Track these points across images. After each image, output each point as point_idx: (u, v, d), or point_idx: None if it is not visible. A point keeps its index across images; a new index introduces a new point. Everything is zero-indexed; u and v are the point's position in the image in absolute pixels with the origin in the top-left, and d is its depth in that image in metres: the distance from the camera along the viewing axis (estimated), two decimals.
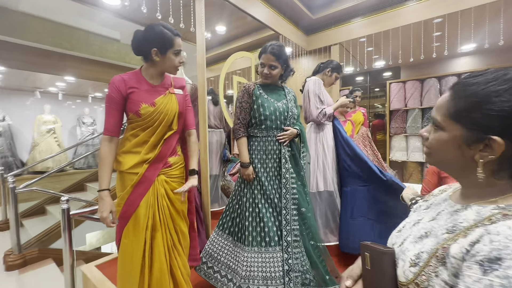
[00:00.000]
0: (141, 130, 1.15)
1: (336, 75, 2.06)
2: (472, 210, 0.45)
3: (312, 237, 1.46)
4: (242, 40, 3.55)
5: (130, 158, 1.14)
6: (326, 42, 3.31)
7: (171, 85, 1.23)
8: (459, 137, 0.45)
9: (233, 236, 1.53)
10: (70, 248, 1.74)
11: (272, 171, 1.50)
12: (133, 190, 1.12)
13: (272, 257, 1.38)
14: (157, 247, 1.15)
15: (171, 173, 1.24)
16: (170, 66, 1.16)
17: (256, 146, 1.52)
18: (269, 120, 1.48)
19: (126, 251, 1.13)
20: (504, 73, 0.42)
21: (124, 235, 1.14)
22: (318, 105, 1.94)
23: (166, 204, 1.20)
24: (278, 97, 1.55)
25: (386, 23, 2.83)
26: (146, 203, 1.14)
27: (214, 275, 1.48)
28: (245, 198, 1.51)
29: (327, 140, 1.96)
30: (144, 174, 1.13)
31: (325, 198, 1.93)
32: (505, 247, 0.35)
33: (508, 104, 0.40)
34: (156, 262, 1.15)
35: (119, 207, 1.13)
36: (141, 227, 1.12)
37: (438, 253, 0.43)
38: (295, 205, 1.47)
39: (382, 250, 0.53)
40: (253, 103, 1.49)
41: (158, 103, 1.14)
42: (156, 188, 1.17)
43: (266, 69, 1.48)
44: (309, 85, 1.99)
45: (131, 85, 1.12)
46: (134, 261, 1.12)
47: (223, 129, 2.91)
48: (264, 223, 1.41)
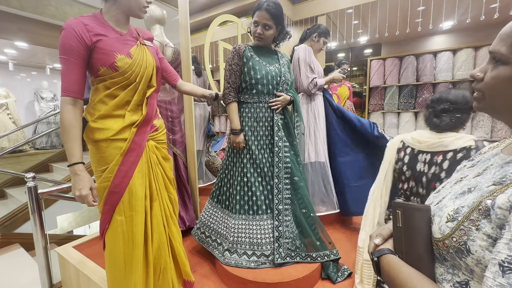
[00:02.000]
0: (120, 89, 0.97)
1: (324, 39, 1.98)
2: None
3: (305, 206, 1.47)
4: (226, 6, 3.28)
5: (113, 123, 0.97)
6: (313, 12, 3.18)
7: (138, 36, 1.05)
8: None
9: (221, 204, 1.57)
10: (42, 229, 1.56)
11: (263, 140, 1.46)
12: (123, 159, 0.97)
13: (259, 225, 1.41)
14: (155, 218, 1.06)
15: (159, 137, 1.13)
16: (134, 3, 0.95)
17: (247, 113, 1.45)
18: (260, 84, 1.40)
19: (123, 230, 0.98)
20: None
21: (117, 211, 0.98)
22: (309, 74, 1.86)
23: (160, 172, 1.11)
24: (270, 60, 1.46)
25: None
26: (140, 172, 1.01)
27: (206, 239, 1.55)
28: (235, 167, 1.50)
29: (319, 111, 1.93)
30: (133, 139, 0.99)
31: (316, 169, 1.93)
32: None
33: None
34: (155, 234, 1.06)
35: (107, 182, 0.97)
36: (139, 199, 0.99)
37: (481, 205, 0.40)
38: (288, 173, 1.46)
39: (416, 206, 0.50)
40: (243, 65, 1.40)
41: (134, 54, 0.97)
42: (148, 155, 1.05)
43: (259, 29, 1.36)
44: (299, 53, 1.90)
45: (96, 31, 0.91)
46: (136, 238, 0.99)
47: (207, 102, 2.74)
48: (252, 192, 1.42)
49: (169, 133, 1.84)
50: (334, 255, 1.41)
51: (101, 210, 1.01)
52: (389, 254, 0.50)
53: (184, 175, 1.90)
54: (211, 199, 1.62)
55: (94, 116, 0.97)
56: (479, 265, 0.39)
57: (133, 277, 1.00)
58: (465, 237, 0.41)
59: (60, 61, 0.90)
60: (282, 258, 1.36)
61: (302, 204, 1.47)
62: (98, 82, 0.97)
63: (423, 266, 0.47)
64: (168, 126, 1.85)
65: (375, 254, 0.52)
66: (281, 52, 1.55)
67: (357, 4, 2.87)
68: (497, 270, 0.33)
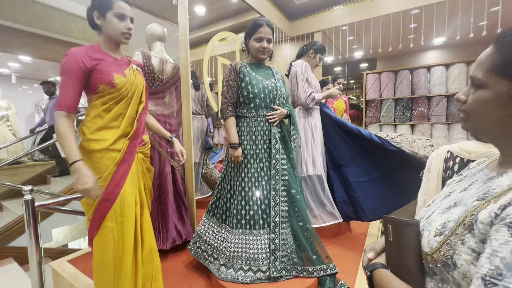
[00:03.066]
0: (115, 103, 1.10)
1: (320, 56, 2.05)
2: (508, 176, 0.43)
3: (302, 219, 1.47)
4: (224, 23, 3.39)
5: (110, 134, 1.08)
6: (309, 28, 3.30)
7: (129, 62, 1.23)
8: (506, 92, 0.42)
9: (217, 218, 1.56)
10: (37, 243, 1.54)
11: (262, 153, 1.48)
12: (117, 169, 1.06)
13: (256, 240, 1.40)
14: (146, 223, 1.16)
15: (145, 151, 1.27)
16: (113, 31, 1.09)
17: (245, 127, 1.48)
18: (258, 98, 1.44)
19: (113, 235, 1.03)
20: None
21: (108, 218, 1.04)
22: (307, 88, 1.91)
23: (145, 182, 1.25)
24: (266, 75, 1.51)
25: (368, 12, 2.88)
26: (131, 181, 1.11)
27: (202, 254, 1.53)
28: (232, 181, 1.51)
29: (316, 125, 1.96)
30: (126, 151, 1.10)
31: (314, 182, 1.94)
32: None
33: None
34: (146, 238, 1.14)
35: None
36: (130, 205, 1.08)
37: (466, 220, 0.42)
38: (285, 186, 1.47)
39: (406, 221, 0.51)
40: (240, 81, 1.45)
41: (127, 74, 1.13)
42: (137, 166, 1.18)
43: (264, 43, 1.42)
44: (296, 68, 1.96)
45: (95, 56, 1.07)
46: (126, 243, 1.05)
47: (205, 115, 2.79)
48: (249, 206, 1.42)
49: (167, 146, 1.87)
50: (330, 270, 1.40)
51: (90, 217, 1.07)
52: (381, 268, 0.51)
53: (182, 188, 1.91)
54: (207, 213, 1.61)
55: (92, 129, 1.07)
56: (465, 279, 0.40)
57: (122, 282, 1.04)
58: (451, 251, 0.42)
59: (61, 80, 1.02)
60: (277, 271, 1.34)
61: (299, 217, 1.47)
62: (96, 99, 1.09)
63: (413, 280, 0.48)
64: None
65: (368, 268, 0.53)
66: (274, 68, 1.60)
67: (351, 21, 2.98)
68: (480, 284, 0.35)
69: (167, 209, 1.80)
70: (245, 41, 1.50)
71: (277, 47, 3.47)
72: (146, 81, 1.73)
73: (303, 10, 3.27)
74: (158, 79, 1.82)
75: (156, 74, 1.80)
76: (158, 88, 1.86)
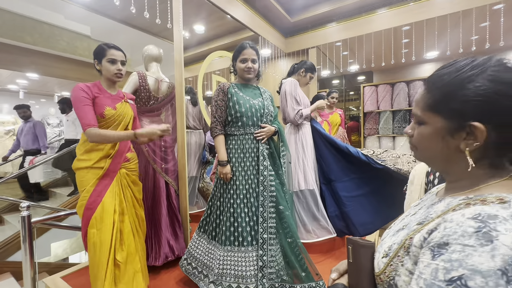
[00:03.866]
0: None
1: (310, 75, 2.11)
2: (444, 202, 0.46)
3: (290, 235, 1.47)
4: (221, 40, 3.52)
5: (95, 155, 1.32)
6: (304, 45, 3.39)
7: (124, 97, 1.49)
8: (441, 128, 0.45)
9: (207, 234, 1.58)
10: (31, 259, 1.58)
11: (250, 170, 1.50)
12: (99, 182, 1.30)
13: (245, 257, 1.40)
14: (126, 228, 1.36)
15: (130, 167, 1.47)
16: (107, 73, 1.38)
17: (233, 144, 1.52)
18: (245, 117, 1.49)
19: (95, 240, 1.25)
20: (472, 60, 0.43)
21: (91, 225, 1.25)
22: (295, 106, 1.97)
23: (129, 194, 1.44)
24: (253, 95, 1.57)
25: (360, 29, 2.97)
26: (111, 192, 1.32)
27: (193, 271, 1.54)
28: (222, 198, 1.53)
29: (306, 140, 2.00)
30: (108, 168, 1.34)
31: (306, 197, 1.95)
32: (454, 232, 0.36)
33: (482, 88, 0.40)
34: (127, 241, 1.34)
35: (84, 200, 1.27)
36: (109, 213, 1.28)
37: (405, 243, 0.44)
38: (273, 202, 1.48)
39: (361, 243, 0.53)
40: (228, 100, 1.51)
41: (118, 107, 1.40)
42: (120, 179, 1.39)
43: (249, 63, 1.49)
44: (285, 87, 2.01)
45: (95, 91, 1.35)
46: (104, 245, 1.24)
47: (203, 129, 2.85)
48: (238, 223, 1.44)
49: (161, 162, 1.91)
50: (319, 287, 1.39)
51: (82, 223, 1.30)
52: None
53: (176, 203, 1.94)
54: (199, 229, 1.63)
55: (82, 151, 1.34)
56: None
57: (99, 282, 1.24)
58: (393, 273, 0.45)
59: (76, 108, 1.27)
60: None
61: (288, 233, 1.47)
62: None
63: None
64: (161, 155, 1.93)
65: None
66: (263, 88, 1.66)
67: (345, 38, 3.07)
68: None
69: (160, 225, 1.82)
70: (232, 63, 1.57)
71: (273, 63, 3.56)
72: (141, 100, 1.83)
73: (297, 27, 3.38)
74: (153, 98, 1.89)
75: (152, 93, 1.88)
76: (153, 106, 1.92)
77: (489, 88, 0.40)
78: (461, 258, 0.33)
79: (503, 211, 0.36)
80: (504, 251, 0.31)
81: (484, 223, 0.34)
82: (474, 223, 0.35)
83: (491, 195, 0.40)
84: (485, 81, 0.40)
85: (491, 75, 0.40)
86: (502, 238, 0.32)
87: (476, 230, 0.34)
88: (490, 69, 0.41)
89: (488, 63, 0.41)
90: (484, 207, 0.37)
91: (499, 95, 0.39)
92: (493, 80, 0.40)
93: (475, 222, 0.35)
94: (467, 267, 0.32)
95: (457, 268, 0.33)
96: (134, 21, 2.95)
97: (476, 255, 0.32)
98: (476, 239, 0.33)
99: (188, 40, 3.63)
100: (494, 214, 0.35)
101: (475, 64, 0.42)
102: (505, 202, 0.37)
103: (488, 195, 0.40)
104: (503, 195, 0.39)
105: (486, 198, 0.40)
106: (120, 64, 1.40)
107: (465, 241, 0.34)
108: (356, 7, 2.94)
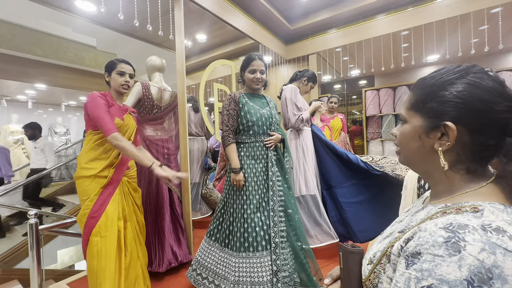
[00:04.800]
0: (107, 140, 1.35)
1: (312, 84, 2.15)
2: (425, 210, 0.47)
3: (298, 239, 1.49)
4: (223, 48, 3.60)
5: (99, 164, 1.34)
6: (304, 51, 3.44)
7: (127, 109, 1.53)
8: (419, 127, 0.47)
9: (219, 242, 1.55)
10: (38, 266, 1.61)
11: (261, 176, 1.53)
12: (102, 191, 1.31)
13: (260, 262, 1.40)
14: (129, 235, 1.38)
15: (130, 174, 1.50)
16: (115, 84, 1.45)
17: (245, 152, 1.55)
18: (256, 126, 1.53)
19: (99, 248, 1.24)
20: (456, 66, 0.45)
21: (94, 233, 1.25)
22: (295, 112, 2.00)
23: (131, 201, 1.45)
24: (261, 104, 1.61)
25: (359, 34, 3.00)
26: (115, 200, 1.33)
27: (203, 281, 1.50)
28: (235, 204, 1.52)
29: (307, 145, 2.02)
30: (112, 177, 1.35)
31: (308, 202, 1.96)
32: (426, 242, 0.36)
33: (459, 91, 0.42)
34: (129, 247, 1.36)
35: (87, 209, 1.27)
36: (113, 221, 1.29)
37: (387, 251, 0.46)
38: (282, 207, 1.51)
39: (350, 249, 0.55)
40: (240, 110, 1.54)
41: (125, 119, 1.45)
42: (122, 187, 1.41)
43: (258, 74, 1.54)
44: (286, 93, 2.05)
45: (109, 100, 1.40)
46: (110, 253, 1.25)
47: (205, 136, 2.89)
48: (252, 228, 1.44)
49: None
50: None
51: (82, 233, 1.30)
52: None
53: (179, 210, 1.97)
54: (209, 238, 1.60)
55: (86, 160, 1.34)
56: None
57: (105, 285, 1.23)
58: (376, 280, 0.46)
59: (96, 114, 1.28)
60: None
61: (296, 236, 1.49)
62: (94, 134, 1.36)
63: None
64: (164, 162, 1.97)
65: None
66: (268, 97, 1.70)
67: (344, 44, 3.11)
68: None
69: (163, 231, 1.84)
70: (241, 73, 1.61)
71: (274, 70, 3.62)
72: (145, 109, 1.88)
73: (297, 34, 3.44)
74: (157, 107, 1.95)
75: (155, 102, 1.93)
76: (156, 114, 1.97)
77: (465, 91, 0.42)
78: (430, 268, 0.34)
79: (475, 221, 0.36)
80: (471, 261, 0.32)
81: (454, 233, 0.35)
82: (445, 233, 0.36)
83: (467, 203, 0.41)
84: (464, 85, 0.42)
85: (471, 80, 0.42)
86: (469, 249, 0.33)
87: (446, 240, 0.35)
88: (471, 75, 0.43)
89: (471, 69, 0.44)
90: (456, 217, 0.38)
91: (473, 98, 0.41)
92: (471, 84, 0.42)
93: (446, 232, 0.36)
94: (436, 277, 0.33)
95: (426, 278, 0.34)
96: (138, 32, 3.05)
97: (444, 265, 0.33)
98: (445, 249, 0.34)
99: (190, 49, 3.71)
100: (465, 223, 0.36)
101: (458, 70, 0.44)
102: (478, 211, 0.38)
103: (464, 203, 0.41)
104: (478, 204, 0.39)
105: (461, 206, 0.40)
106: (128, 77, 1.47)
107: (435, 251, 0.35)
108: (355, 14, 2.99)
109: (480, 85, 0.41)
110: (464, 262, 0.32)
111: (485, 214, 0.37)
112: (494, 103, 0.40)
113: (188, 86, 4.46)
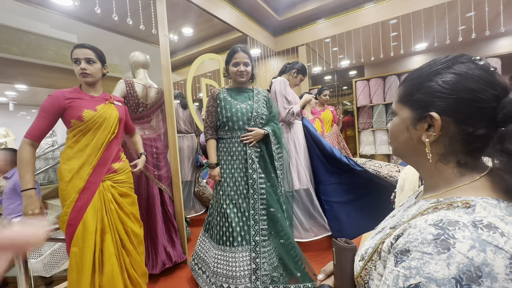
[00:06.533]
0: (82, 135, 1.24)
1: (301, 77, 2.11)
2: (417, 205, 0.46)
3: (283, 236, 1.47)
4: (210, 42, 3.50)
5: (74, 162, 1.21)
6: (293, 43, 3.39)
7: (110, 98, 1.38)
8: (407, 118, 0.46)
9: (209, 234, 1.62)
10: (26, 274, 1.55)
11: (237, 172, 1.52)
12: (79, 197, 1.18)
13: (235, 257, 1.42)
14: (107, 250, 1.22)
15: (117, 178, 1.33)
16: (77, 73, 1.28)
17: (222, 148, 1.56)
18: (230, 121, 1.51)
19: (76, 260, 1.15)
20: (444, 56, 0.44)
21: (73, 243, 1.16)
22: (286, 105, 1.96)
23: (114, 208, 1.29)
24: (243, 99, 1.57)
25: (347, 24, 2.97)
26: (93, 208, 1.20)
27: (198, 271, 1.57)
28: (215, 198, 1.58)
29: (298, 139, 2.00)
30: (88, 179, 1.21)
31: (301, 196, 1.96)
32: (415, 239, 0.35)
33: (446, 81, 0.41)
34: (107, 264, 1.21)
35: (66, 216, 1.17)
36: (90, 232, 1.17)
37: (378, 247, 0.45)
38: (264, 205, 1.49)
39: (342, 246, 0.54)
40: (217, 106, 1.55)
41: (99, 109, 1.28)
42: (102, 193, 1.25)
43: (241, 67, 1.50)
44: (275, 87, 2.01)
45: (70, 96, 1.24)
46: (85, 268, 1.15)
47: (195, 133, 2.83)
48: (228, 223, 1.47)
49: (154, 169, 1.90)
50: None
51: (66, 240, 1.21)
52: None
53: (171, 209, 1.93)
54: (204, 230, 1.67)
55: (64, 159, 1.23)
56: None
57: None
58: (368, 276, 0.45)
59: (38, 114, 1.19)
60: None
61: (280, 234, 1.48)
62: (69, 132, 1.25)
63: None
64: (154, 162, 1.92)
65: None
66: (258, 89, 1.64)
67: (333, 34, 3.07)
68: None
69: (156, 232, 1.81)
70: (226, 67, 1.57)
71: (263, 62, 3.56)
72: (130, 107, 1.80)
73: (286, 25, 3.37)
74: (142, 105, 1.88)
75: (140, 100, 1.86)
76: (143, 113, 1.91)
77: (451, 81, 0.41)
78: (419, 265, 0.33)
79: (466, 217, 0.35)
80: (460, 259, 0.31)
81: (444, 230, 0.34)
82: (434, 230, 0.35)
83: (459, 199, 0.39)
84: (450, 75, 0.41)
85: (457, 70, 0.41)
86: (458, 246, 0.32)
87: (435, 238, 0.34)
88: (458, 64, 0.41)
89: (458, 59, 0.42)
90: (447, 213, 0.37)
91: (459, 88, 0.40)
92: (457, 74, 0.41)
93: (435, 229, 0.35)
94: (424, 275, 0.32)
95: (415, 276, 0.33)
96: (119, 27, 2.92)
97: (433, 263, 0.32)
98: (434, 246, 0.33)
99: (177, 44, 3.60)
100: (456, 220, 0.35)
101: (445, 60, 0.43)
102: (469, 206, 0.37)
103: (456, 198, 0.40)
104: (470, 199, 0.38)
105: (453, 202, 0.39)
106: (84, 62, 1.25)
107: (424, 249, 0.34)
108: (343, 3, 2.94)
109: (466, 74, 0.40)
110: (453, 260, 0.31)
111: (477, 210, 0.36)
112: (479, 92, 0.39)
113: (176, 82, 4.35)
